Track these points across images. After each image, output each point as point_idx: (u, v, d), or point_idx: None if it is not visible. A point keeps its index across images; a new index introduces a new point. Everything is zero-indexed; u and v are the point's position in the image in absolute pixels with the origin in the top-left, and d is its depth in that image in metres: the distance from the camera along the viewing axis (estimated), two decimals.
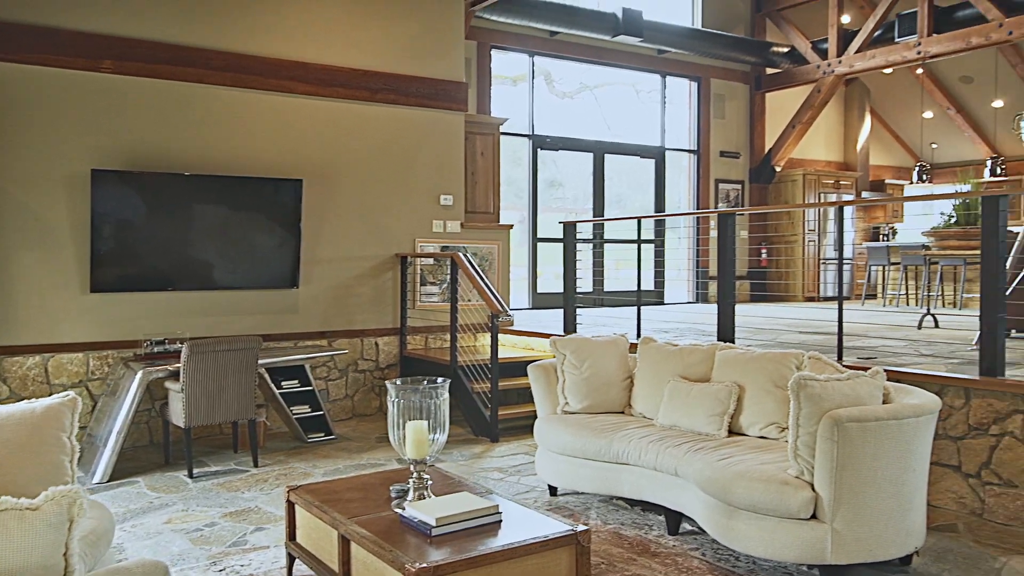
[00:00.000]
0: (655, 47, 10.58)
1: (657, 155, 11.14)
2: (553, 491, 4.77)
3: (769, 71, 11.83)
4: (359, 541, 2.90)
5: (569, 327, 6.79)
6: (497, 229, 8.11)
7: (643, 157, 11.04)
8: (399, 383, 3.16)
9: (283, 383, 6.18)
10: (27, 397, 5.57)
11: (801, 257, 11.77)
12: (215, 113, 6.54)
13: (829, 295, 11.70)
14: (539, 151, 10.03)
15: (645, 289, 9.94)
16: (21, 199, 5.82)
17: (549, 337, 5.35)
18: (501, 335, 7.08)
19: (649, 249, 10.50)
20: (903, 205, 13.66)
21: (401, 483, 3.32)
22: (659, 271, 10.64)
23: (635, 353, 4.99)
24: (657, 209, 11.11)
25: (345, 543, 3.01)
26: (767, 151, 11.93)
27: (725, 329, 5.65)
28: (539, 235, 9.97)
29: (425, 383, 3.16)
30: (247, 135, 6.68)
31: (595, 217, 10.39)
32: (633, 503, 4.54)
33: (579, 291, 6.99)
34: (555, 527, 2.90)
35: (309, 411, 6.23)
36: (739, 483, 3.48)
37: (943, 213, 10.01)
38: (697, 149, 11.52)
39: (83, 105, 6.01)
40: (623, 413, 4.83)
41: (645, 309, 6.96)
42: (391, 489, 3.30)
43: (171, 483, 5.14)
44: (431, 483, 3.19)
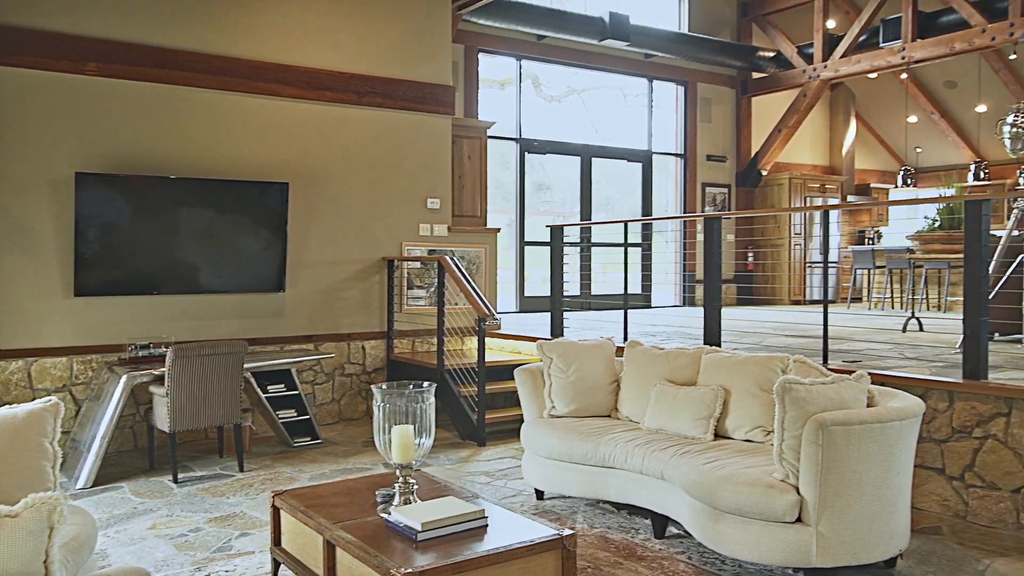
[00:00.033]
0: (642, 51, 10.62)
1: (644, 159, 11.17)
2: (540, 495, 4.77)
3: (755, 75, 11.89)
4: (344, 546, 2.89)
5: (556, 331, 6.80)
6: (484, 232, 8.11)
7: (630, 161, 11.07)
8: (385, 387, 3.16)
9: (269, 387, 6.15)
10: (10, 402, 5.53)
11: (787, 261, 11.83)
12: (200, 116, 6.51)
13: (815, 298, 11.76)
14: (526, 155, 10.05)
15: (632, 292, 9.97)
16: (3, 202, 5.77)
17: (536, 341, 5.35)
18: (488, 339, 7.08)
19: (636, 252, 10.53)
20: (888, 209, 13.76)
21: (387, 488, 3.31)
22: (646, 275, 10.66)
23: (622, 357, 5.00)
24: (644, 213, 11.14)
25: (330, 548, 3.00)
26: (753, 155, 11.99)
27: (711, 333, 5.67)
28: (527, 238, 9.98)
29: (411, 387, 3.15)
30: (233, 138, 6.66)
31: (582, 221, 10.41)
32: (620, 507, 4.54)
33: (566, 295, 7.00)
34: (541, 531, 2.90)
35: (295, 415, 6.20)
36: (725, 487, 3.49)
37: (927, 217, 10.08)
38: (684, 153, 11.56)
39: (67, 108, 5.97)
40: (610, 417, 4.83)
41: (632, 312, 6.97)
42: (377, 494, 3.29)
43: (156, 488, 5.11)
44: (417, 488, 3.19)
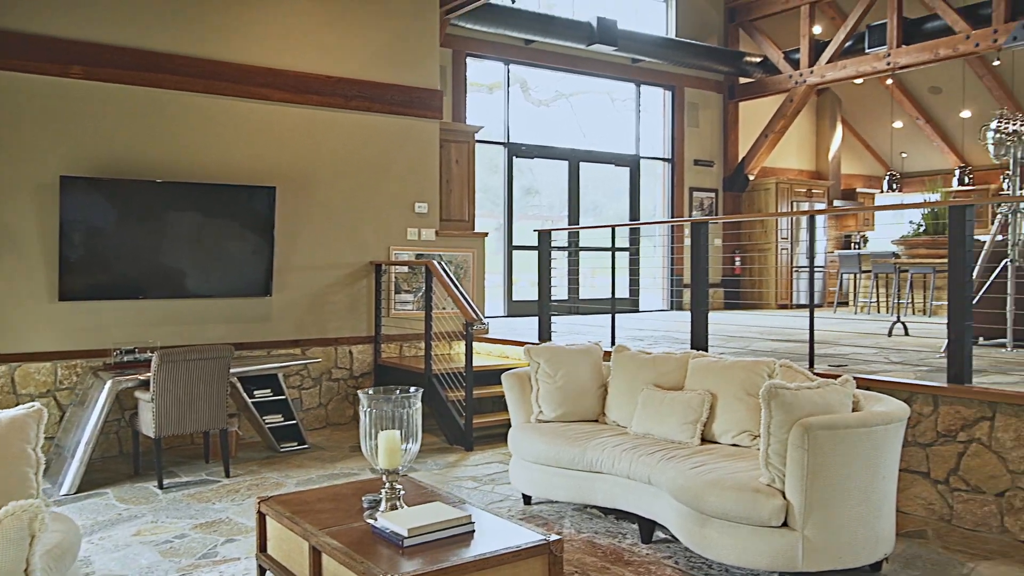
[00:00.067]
0: (629, 56, 10.66)
1: (632, 163, 11.20)
2: (527, 500, 4.76)
3: (742, 81, 11.95)
4: (330, 552, 2.87)
5: (544, 335, 6.80)
6: (472, 237, 8.11)
7: (618, 165, 11.10)
8: (371, 392, 3.14)
9: (255, 392, 6.12)
10: None
11: (774, 265, 11.88)
12: (187, 120, 6.49)
13: (802, 303, 11.81)
14: (515, 159, 10.05)
15: (620, 297, 9.99)
16: None
17: (524, 345, 5.35)
18: (476, 343, 7.07)
19: (624, 257, 10.55)
20: (874, 213, 13.84)
21: (374, 493, 3.29)
22: (634, 279, 10.68)
23: (609, 361, 5.00)
24: (632, 217, 11.17)
25: (316, 554, 2.99)
26: (740, 160, 12.04)
27: (698, 337, 5.69)
28: (515, 243, 9.98)
29: (398, 392, 3.14)
30: (220, 142, 6.63)
31: (570, 225, 10.43)
32: (607, 511, 4.54)
33: (554, 299, 7.01)
34: (528, 537, 2.90)
35: (282, 420, 6.17)
36: (711, 491, 3.50)
37: (912, 222, 10.15)
38: (671, 157, 11.60)
39: (52, 111, 5.93)
40: (597, 421, 4.84)
41: (620, 317, 6.98)
42: (363, 499, 3.28)
43: (140, 494, 5.07)
44: (404, 493, 3.17)
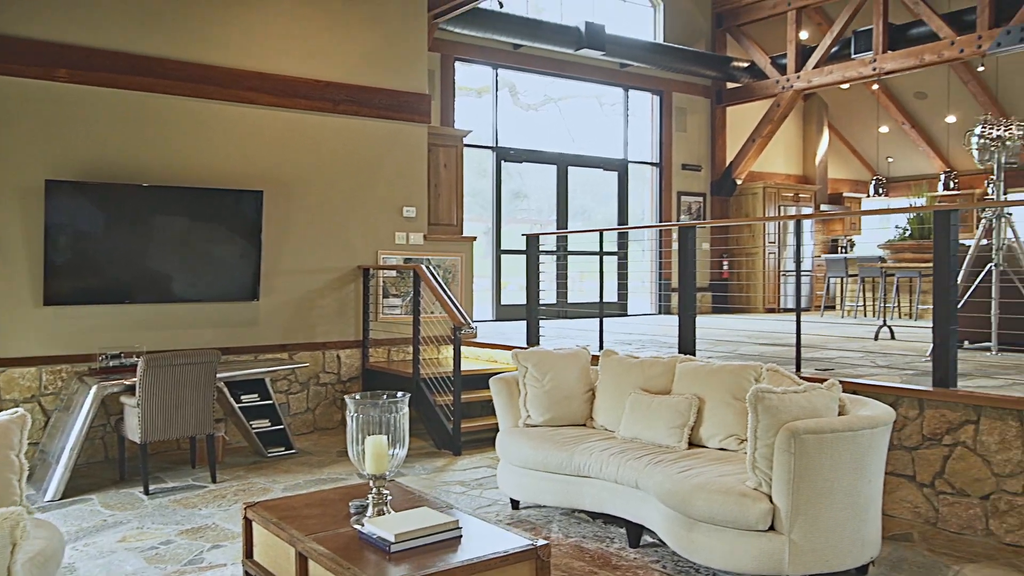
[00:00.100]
0: (618, 61, 10.69)
1: (620, 168, 11.23)
2: (515, 504, 4.76)
3: (730, 85, 12.00)
4: (317, 558, 2.86)
5: (532, 339, 6.80)
6: (460, 241, 8.10)
7: (606, 169, 11.13)
8: (358, 397, 3.14)
9: (242, 397, 6.09)
10: None
11: (762, 269, 11.93)
12: (174, 123, 6.46)
13: (789, 307, 11.86)
14: (503, 163, 10.06)
15: (608, 301, 9.99)
16: None
17: (512, 349, 5.35)
18: (464, 347, 7.05)
19: (612, 261, 10.57)
20: (860, 218, 13.91)
21: (361, 498, 3.28)
22: (622, 283, 10.70)
23: (597, 365, 5.01)
24: (620, 221, 11.19)
25: (303, 560, 2.97)
26: (728, 164, 12.09)
27: (686, 341, 5.70)
28: (504, 246, 9.98)
29: (385, 397, 3.14)
30: (207, 146, 6.60)
31: (559, 229, 10.44)
32: (595, 516, 4.54)
33: (543, 303, 7.00)
34: (515, 542, 2.90)
35: (269, 425, 6.14)
36: (698, 495, 3.51)
37: (898, 226, 10.20)
38: (659, 162, 11.63)
39: (37, 114, 5.90)
40: (585, 426, 4.84)
41: (608, 321, 6.99)
42: (350, 505, 3.27)
43: (126, 500, 5.04)
44: (391, 498, 3.17)
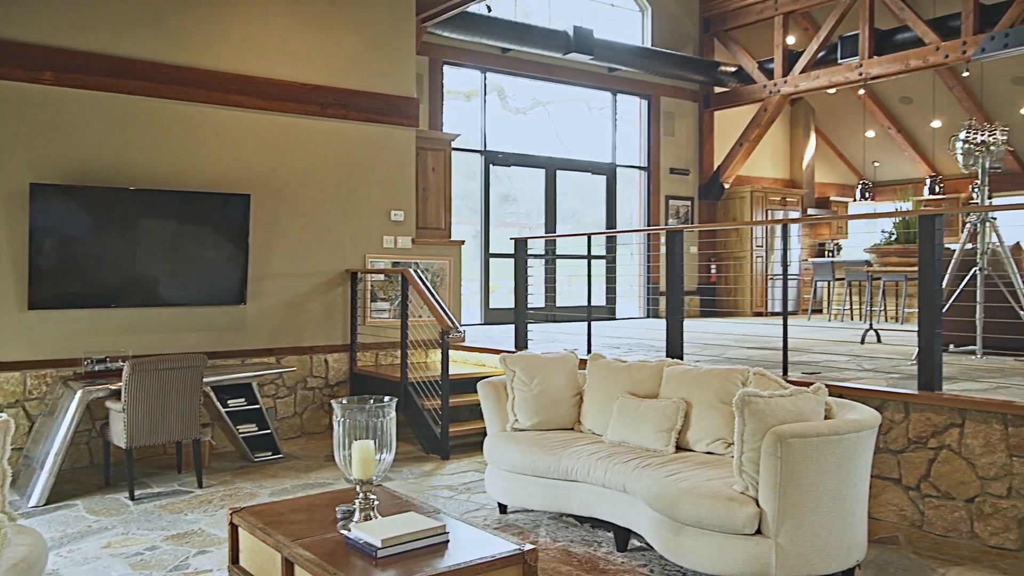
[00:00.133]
0: (606, 65, 10.71)
1: (608, 171, 11.25)
2: (503, 509, 4.75)
3: (717, 90, 12.05)
4: (303, 564, 2.85)
5: (520, 343, 6.80)
6: (448, 245, 8.10)
7: (595, 173, 11.15)
8: (345, 402, 3.13)
9: (229, 401, 6.06)
10: None
11: (749, 273, 11.97)
12: (161, 127, 6.43)
13: (776, 310, 11.90)
14: (492, 166, 10.06)
15: (596, 304, 10.00)
16: None
17: (500, 353, 5.35)
18: (452, 351, 7.05)
19: (601, 265, 10.58)
20: (847, 222, 14.00)
21: (347, 503, 3.27)
22: (610, 287, 10.72)
23: (585, 369, 5.01)
24: (608, 225, 11.22)
25: (289, 566, 2.96)
26: (716, 168, 12.13)
27: (673, 345, 5.71)
28: (492, 250, 9.98)
29: (372, 402, 3.13)
30: (194, 149, 6.58)
31: (547, 233, 10.45)
32: (583, 520, 4.54)
33: (531, 307, 7.01)
34: (502, 546, 2.89)
35: (256, 430, 6.12)
36: (686, 499, 3.51)
37: (885, 231, 10.27)
38: (648, 166, 11.66)
39: (22, 117, 5.86)
40: (573, 430, 4.84)
41: (596, 324, 6.99)
42: (337, 510, 3.26)
43: (111, 506, 5.00)
44: (378, 503, 3.16)
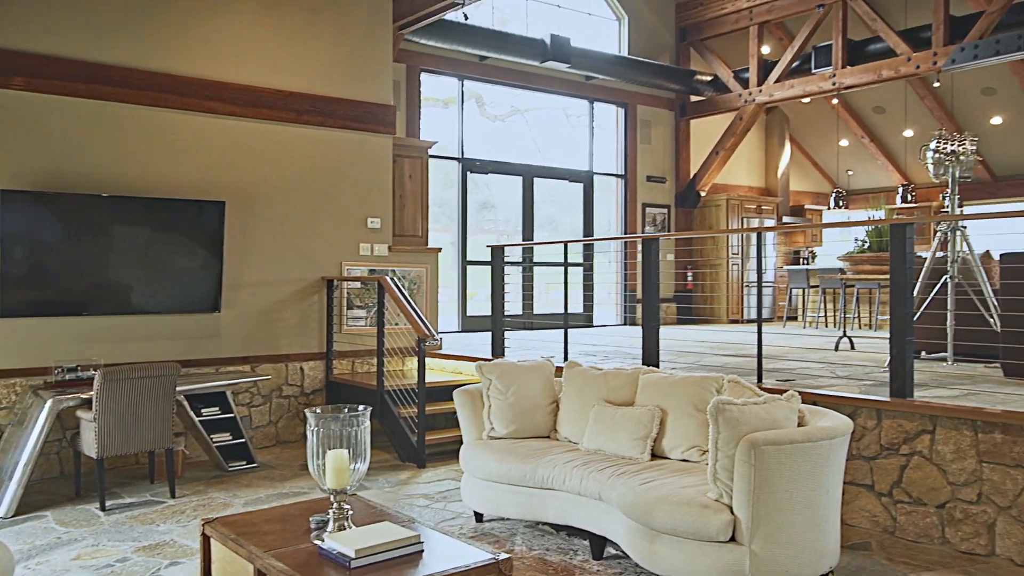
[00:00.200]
0: (583, 73, 10.76)
1: (586, 179, 11.29)
2: (479, 517, 4.74)
3: (693, 99, 12.15)
4: (275, 575, 2.82)
5: (497, 351, 6.79)
6: (425, 252, 8.08)
7: (572, 181, 11.18)
8: (319, 411, 3.11)
9: (203, 410, 6.00)
10: None
11: (725, 280, 12.06)
12: (134, 133, 6.37)
13: (753, 317, 11.99)
14: (469, 174, 10.06)
15: (574, 312, 10.02)
16: None
17: (477, 361, 5.34)
18: (429, 359, 7.03)
19: (578, 272, 10.60)
20: (822, 230, 14.13)
21: (321, 513, 3.24)
22: (588, 294, 10.75)
23: (561, 377, 5.01)
24: (586, 232, 11.25)
25: None
26: (692, 176, 12.21)
27: (649, 352, 5.73)
28: (469, 257, 9.97)
29: (346, 411, 3.11)
30: (167, 155, 6.52)
31: (525, 240, 10.46)
32: (559, 528, 4.53)
33: (508, 314, 7.00)
34: (477, 556, 2.88)
35: (230, 439, 6.05)
36: (660, 507, 3.52)
37: (858, 239, 10.37)
38: (624, 174, 11.72)
39: None
40: (549, 438, 4.84)
41: (574, 332, 7.01)
42: (311, 520, 3.23)
43: (82, 517, 4.93)
44: (352, 513, 3.13)
